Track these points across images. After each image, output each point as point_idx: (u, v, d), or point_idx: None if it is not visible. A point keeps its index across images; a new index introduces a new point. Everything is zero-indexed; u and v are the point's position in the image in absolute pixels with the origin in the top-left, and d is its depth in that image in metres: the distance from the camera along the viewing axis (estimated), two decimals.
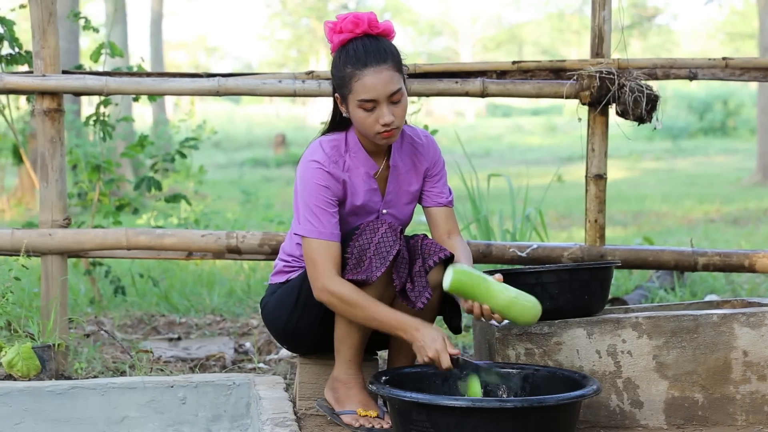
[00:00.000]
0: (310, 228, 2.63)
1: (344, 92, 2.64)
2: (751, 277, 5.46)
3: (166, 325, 4.58)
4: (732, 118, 26.63)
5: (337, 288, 2.59)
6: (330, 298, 2.60)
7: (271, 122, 33.07)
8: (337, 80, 2.65)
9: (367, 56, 2.59)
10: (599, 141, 3.57)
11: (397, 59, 2.63)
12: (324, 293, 2.61)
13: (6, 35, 3.79)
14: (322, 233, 2.62)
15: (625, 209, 10.97)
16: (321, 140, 2.74)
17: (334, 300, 2.60)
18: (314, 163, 2.67)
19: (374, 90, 2.59)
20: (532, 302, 2.57)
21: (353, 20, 2.61)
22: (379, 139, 2.66)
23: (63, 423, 3.01)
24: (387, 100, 2.60)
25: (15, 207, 11.40)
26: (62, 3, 10.76)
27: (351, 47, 2.61)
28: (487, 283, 2.56)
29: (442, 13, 44.60)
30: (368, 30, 2.62)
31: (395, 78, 2.61)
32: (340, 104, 2.70)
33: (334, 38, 2.64)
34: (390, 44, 2.65)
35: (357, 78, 2.59)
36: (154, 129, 14.61)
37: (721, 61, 3.59)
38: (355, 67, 2.59)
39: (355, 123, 2.66)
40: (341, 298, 2.58)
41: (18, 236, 3.53)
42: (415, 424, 2.38)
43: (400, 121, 2.64)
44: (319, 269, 2.61)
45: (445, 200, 2.86)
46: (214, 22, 62.31)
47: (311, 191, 2.65)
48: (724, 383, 2.78)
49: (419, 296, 2.59)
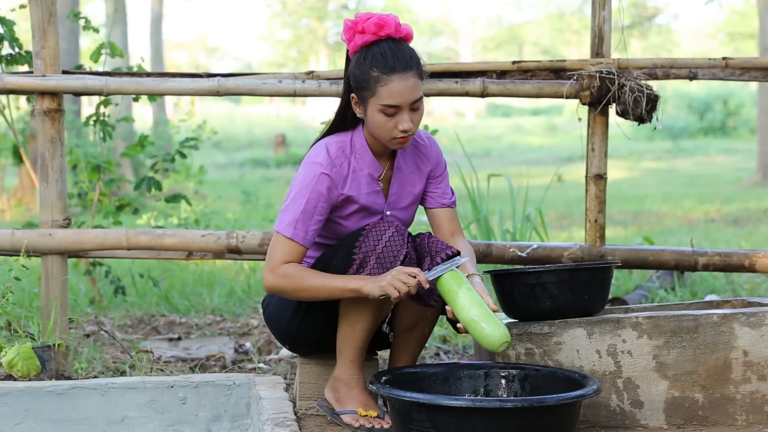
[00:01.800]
0: (288, 227, 2.63)
1: (365, 95, 2.61)
2: (751, 277, 5.46)
3: (166, 325, 4.58)
4: (732, 118, 26.63)
5: (286, 269, 2.60)
6: (280, 280, 2.60)
7: (272, 122, 33.07)
8: (360, 82, 2.61)
9: (395, 61, 2.57)
10: (599, 141, 3.57)
11: (420, 66, 2.63)
12: (273, 276, 2.61)
13: (6, 35, 3.79)
14: (296, 235, 2.62)
15: (626, 209, 10.98)
16: (327, 141, 2.72)
17: (283, 281, 2.60)
18: (317, 165, 2.66)
19: (400, 96, 2.58)
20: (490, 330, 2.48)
21: (378, 22, 2.59)
22: (393, 144, 2.65)
23: (63, 423, 3.01)
24: (408, 107, 2.60)
25: (15, 207, 11.40)
26: (62, 3, 10.77)
27: (377, 50, 2.58)
28: (457, 296, 2.52)
29: (442, 13, 44.63)
30: (393, 34, 2.61)
31: (418, 85, 2.61)
32: (355, 105, 2.67)
33: (356, 38, 2.61)
34: (413, 50, 2.64)
35: (384, 83, 2.57)
36: (154, 129, 14.60)
37: (721, 61, 3.59)
38: (382, 72, 2.57)
39: (372, 126, 2.65)
40: (290, 276, 2.59)
41: (18, 236, 3.54)
42: (416, 424, 2.38)
43: (416, 128, 2.64)
44: (275, 260, 2.62)
45: (449, 201, 2.86)
46: (214, 22, 62.38)
47: (306, 195, 2.63)
48: (725, 383, 2.78)
49: (431, 294, 2.60)
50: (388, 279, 2.49)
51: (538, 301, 2.76)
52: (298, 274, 2.60)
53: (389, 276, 2.50)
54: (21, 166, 11.62)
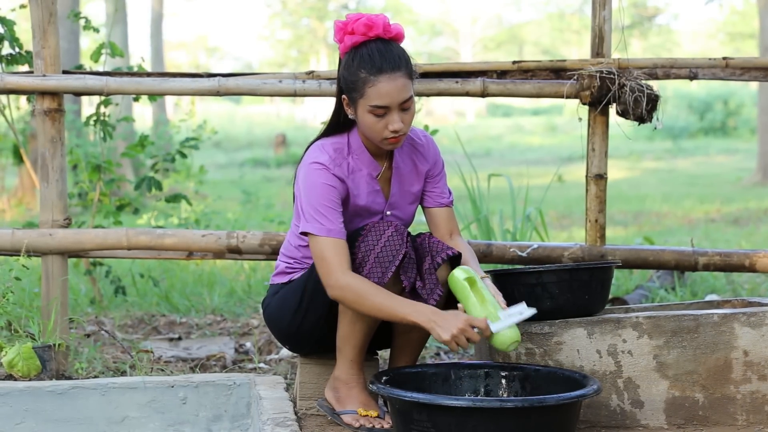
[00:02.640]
0: (318, 226, 2.61)
1: (355, 96, 2.61)
2: (751, 276, 5.46)
3: (166, 325, 4.58)
4: (732, 118, 26.63)
5: (349, 281, 2.55)
6: (343, 292, 2.56)
7: (272, 122, 33.07)
8: (349, 83, 2.61)
9: (382, 62, 2.56)
10: (599, 141, 3.57)
11: (410, 66, 2.62)
12: (337, 288, 2.56)
13: (6, 35, 3.79)
14: (331, 231, 2.60)
15: (626, 209, 10.98)
16: (323, 142, 2.72)
17: (347, 294, 2.55)
18: (318, 164, 2.66)
19: (388, 97, 2.57)
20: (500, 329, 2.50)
21: (367, 23, 2.58)
22: (385, 145, 2.65)
23: (63, 423, 3.01)
24: (398, 107, 2.60)
25: (15, 207, 11.40)
26: (62, 3, 10.77)
27: (365, 51, 2.58)
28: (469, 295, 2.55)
29: (442, 13, 44.63)
30: (382, 34, 2.60)
31: (408, 85, 2.60)
32: (347, 106, 2.67)
33: (345, 39, 2.61)
34: (403, 50, 2.63)
35: (371, 84, 2.57)
36: (154, 129, 14.61)
37: (721, 60, 3.59)
38: (370, 73, 2.57)
39: (363, 127, 2.65)
40: (354, 290, 2.54)
41: (18, 236, 3.54)
42: (416, 424, 2.38)
43: (407, 128, 2.63)
44: (331, 266, 2.58)
45: (447, 200, 2.86)
46: (214, 22, 62.38)
47: (318, 191, 2.63)
48: (725, 383, 2.78)
49: (431, 293, 2.60)
50: (455, 331, 2.44)
51: (539, 301, 2.76)
52: (362, 290, 2.53)
53: (459, 326, 2.44)
54: (21, 166, 11.62)
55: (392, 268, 2.56)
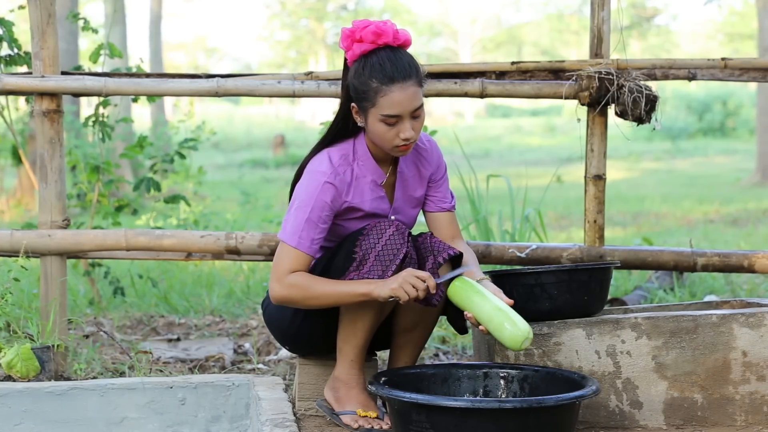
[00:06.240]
0: (293, 236, 2.62)
1: (365, 105, 2.60)
2: (750, 277, 5.46)
3: (165, 325, 4.58)
4: (731, 119, 26.64)
5: (292, 278, 2.60)
6: (288, 290, 2.60)
7: (271, 123, 33.05)
8: (360, 92, 2.60)
9: (393, 71, 2.56)
10: (598, 141, 3.57)
11: (420, 73, 2.61)
12: (280, 287, 2.60)
13: (5, 36, 3.79)
14: (301, 244, 2.62)
15: (625, 210, 10.98)
16: (329, 150, 2.71)
17: (292, 291, 2.59)
18: (320, 174, 2.65)
19: (400, 106, 2.57)
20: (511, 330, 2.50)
21: (376, 31, 2.57)
22: (395, 152, 2.66)
23: (62, 424, 3.01)
24: (410, 116, 2.60)
25: (14, 208, 11.40)
26: (61, 4, 10.76)
27: (375, 60, 2.57)
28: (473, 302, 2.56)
29: (441, 14, 44.63)
30: (391, 42, 2.59)
31: (418, 93, 2.60)
32: (356, 114, 2.66)
33: (354, 47, 2.60)
34: (412, 57, 2.62)
35: (383, 93, 2.56)
36: (153, 130, 14.60)
37: (720, 61, 3.59)
38: (381, 82, 2.56)
39: (374, 135, 2.64)
40: (299, 285, 2.58)
41: (17, 237, 3.53)
42: (415, 424, 2.38)
43: (418, 135, 2.64)
44: (282, 270, 2.61)
45: (449, 205, 2.86)
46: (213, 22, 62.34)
47: (310, 203, 2.63)
48: (724, 383, 2.78)
49: (433, 294, 2.60)
50: (398, 281, 2.49)
51: (537, 302, 2.77)
52: (305, 283, 2.60)
53: (400, 278, 2.50)
54: (20, 167, 11.61)
55: (393, 267, 2.57)
